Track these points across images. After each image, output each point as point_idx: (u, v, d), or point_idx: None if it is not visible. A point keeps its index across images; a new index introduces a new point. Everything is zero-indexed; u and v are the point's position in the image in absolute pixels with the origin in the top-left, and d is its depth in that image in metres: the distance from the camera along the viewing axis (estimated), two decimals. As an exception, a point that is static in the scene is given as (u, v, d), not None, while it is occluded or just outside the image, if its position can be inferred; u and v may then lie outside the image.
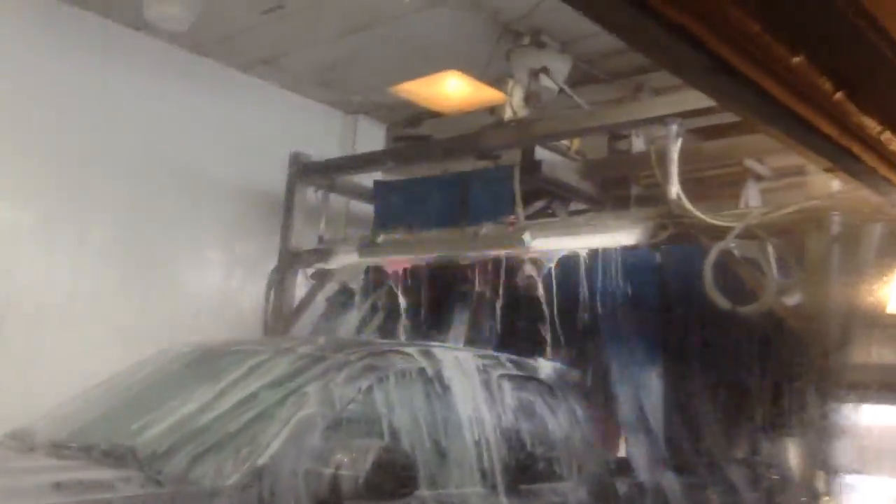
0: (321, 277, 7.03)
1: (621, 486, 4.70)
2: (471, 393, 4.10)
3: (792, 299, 4.90)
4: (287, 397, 3.54)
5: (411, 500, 3.43)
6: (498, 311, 5.72)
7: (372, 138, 8.08)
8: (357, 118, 8.16)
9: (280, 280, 7.05)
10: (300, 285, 7.08)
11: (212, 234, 7.06)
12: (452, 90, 5.81)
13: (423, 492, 3.55)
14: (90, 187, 6.21)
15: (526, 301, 5.66)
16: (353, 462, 3.15)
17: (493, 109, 6.28)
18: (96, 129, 6.25)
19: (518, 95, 5.94)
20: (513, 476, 4.02)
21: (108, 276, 6.24)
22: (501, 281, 5.75)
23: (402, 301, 6.18)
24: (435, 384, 3.99)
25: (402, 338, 5.79)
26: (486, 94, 5.82)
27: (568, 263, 5.47)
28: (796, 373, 4.67)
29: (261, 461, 3.17)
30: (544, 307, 5.45)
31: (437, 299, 6.16)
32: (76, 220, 6.13)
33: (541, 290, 5.50)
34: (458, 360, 4.20)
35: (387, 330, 6.18)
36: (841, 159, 2.89)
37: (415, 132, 7.90)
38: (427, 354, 4.12)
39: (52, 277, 5.93)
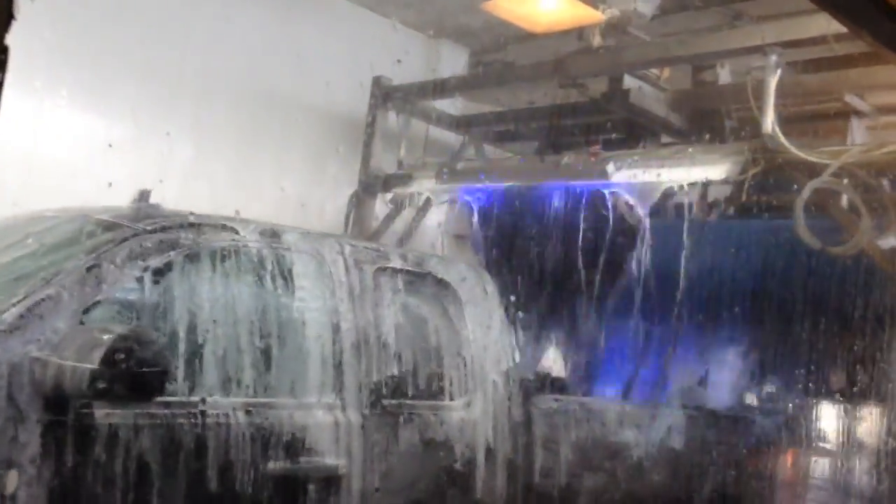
0: (399, 202, 7.06)
1: (542, 406, 4.16)
2: (326, 287, 3.42)
3: (886, 242, 4.72)
4: (39, 271, 2.90)
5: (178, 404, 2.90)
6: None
7: (454, 63, 7.96)
8: (440, 42, 8.04)
9: (359, 203, 7.10)
10: (379, 209, 7.13)
11: (296, 157, 7.13)
12: (546, 7, 5.63)
13: (216, 398, 3.00)
14: (183, 109, 6.31)
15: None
16: (82, 353, 2.59)
17: (580, 35, 6.09)
18: (189, 56, 6.32)
19: (609, 19, 5.73)
20: (375, 391, 3.46)
21: (198, 193, 6.38)
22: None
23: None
24: (272, 272, 3.31)
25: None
26: (581, 13, 5.62)
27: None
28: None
29: None
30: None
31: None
32: (164, 138, 6.26)
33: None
34: (314, 247, 3.48)
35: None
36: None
37: (498, 58, 7.75)
38: (268, 234, 3.38)
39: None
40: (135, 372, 2.61)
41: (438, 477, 3.64)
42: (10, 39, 0.90)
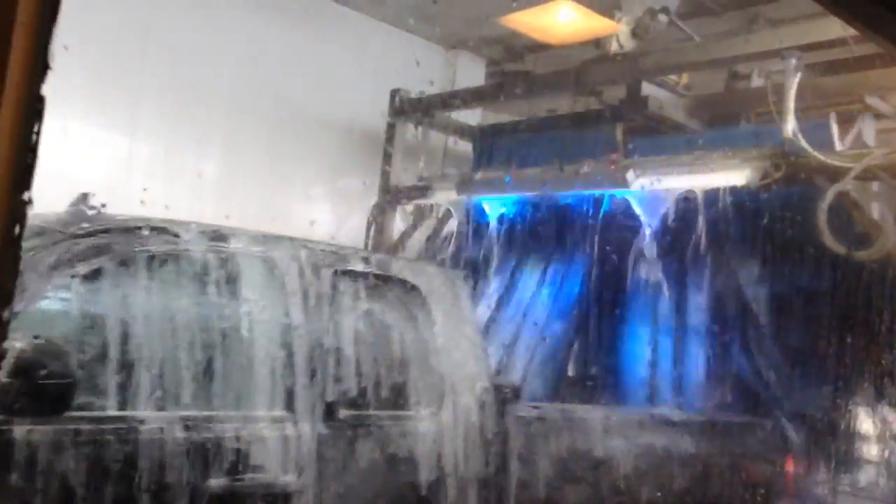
0: (420, 213, 7.09)
1: (520, 415, 3.87)
2: (277, 293, 3.23)
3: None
4: None
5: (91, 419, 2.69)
6: None
7: (472, 74, 7.99)
8: (457, 53, 8.07)
9: (380, 215, 7.13)
10: (399, 221, 7.16)
11: (316, 170, 7.18)
12: (563, 20, 5.64)
13: (149, 413, 2.81)
14: (204, 125, 6.38)
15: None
16: None
17: (597, 43, 6.09)
18: (207, 72, 6.39)
19: (626, 27, 5.73)
20: (331, 403, 3.25)
21: (218, 207, 6.44)
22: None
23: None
24: (216, 278, 3.10)
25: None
26: (598, 24, 5.63)
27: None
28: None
29: None
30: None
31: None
32: (192, 154, 6.35)
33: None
34: (265, 250, 3.27)
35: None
36: None
37: (515, 68, 7.76)
38: (213, 238, 3.15)
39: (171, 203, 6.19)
40: (41, 385, 2.46)
41: (402, 493, 3.40)
42: (46, 89, 0.93)
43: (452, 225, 7.04)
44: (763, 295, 5.34)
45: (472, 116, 7.80)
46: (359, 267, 3.57)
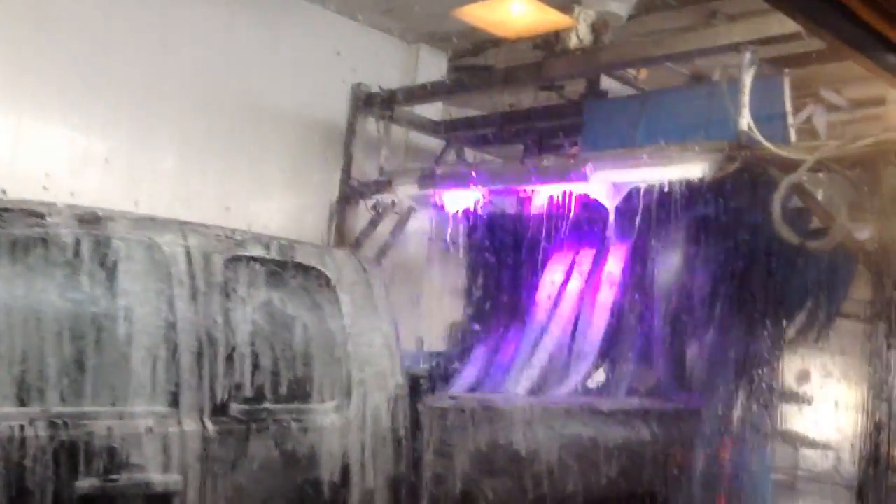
0: (381, 209, 7.05)
1: (435, 406, 3.71)
2: (160, 280, 3.02)
3: (862, 234, 4.74)
4: None
5: None
6: None
7: (433, 69, 7.97)
8: (419, 48, 8.04)
9: (341, 211, 7.09)
10: (361, 216, 7.12)
11: (274, 165, 7.11)
12: (517, 14, 5.65)
13: (6, 409, 2.64)
14: (156, 121, 6.28)
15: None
16: None
17: (557, 37, 6.10)
18: (160, 63, 6.29)
19: (585, 22, 5.75)
20: (221, 397, 3.07)
21: (175, 204, 6.35)
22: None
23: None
24: (89, 264, 2.89)
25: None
26: (553, 19, 5.64)
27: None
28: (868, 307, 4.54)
29: None
30: None
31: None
32: (145, 151, 6.24)
33: None
34: (147, 235, 3.07)
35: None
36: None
37: (476, 62, 7.76)
38: (87, 221, 2.95)
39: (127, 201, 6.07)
40: None
41: (302, 493, 3.21)
42: None
43: (417, 221, 7.04)
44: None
45: (433, 111, 7.78)
46: (257, 253, 3.34)
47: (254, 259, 3.32)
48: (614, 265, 5.77)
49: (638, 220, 5.34)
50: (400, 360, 3.66)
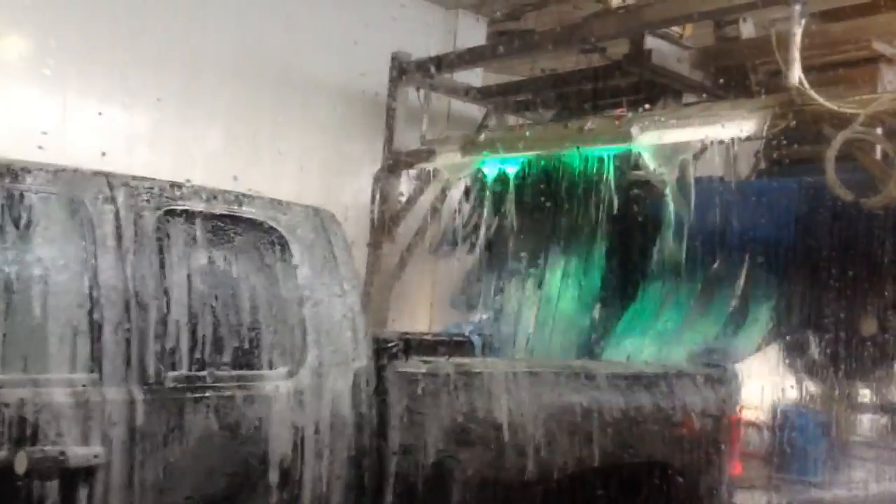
0: (424, 178, 7.04)
1: (405, 372, 3.36)
2: (82, 238, 2.82)
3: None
4: None
5: None
6: None
7: (473, 35, 7.89)
8: (457, 14, 7.97)
9: (384, 181, 7.10)
10: (404, 185, 7.12)
11: (318, 135, 7.13)
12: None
13: None
14: (200, 96, 6.33)
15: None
16: None
17: (599, -3, 6.01)
18: (202, 39, 6.33)
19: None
20: (152, 363, 2.83)
21: (218, 174, 6.41)
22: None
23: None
24: None
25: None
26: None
27: None
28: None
29: None
30: None
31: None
32: (191, 127, 6.30)
33: None
34: (68, 189, 2.86)
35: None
36: None
37: (516, 27, 7.67)
38: None
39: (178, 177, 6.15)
40: None
41: (247, 466, 2.95)
42: None
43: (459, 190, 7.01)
44: None
45: (474, 78, 7.72)
46: (198, 207, 3.05)
47: (194, 214, 3.02)
48: None
49: None
50: (364, 323, 3.37)
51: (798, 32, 4.81)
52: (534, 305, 6.32)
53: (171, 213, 2.97)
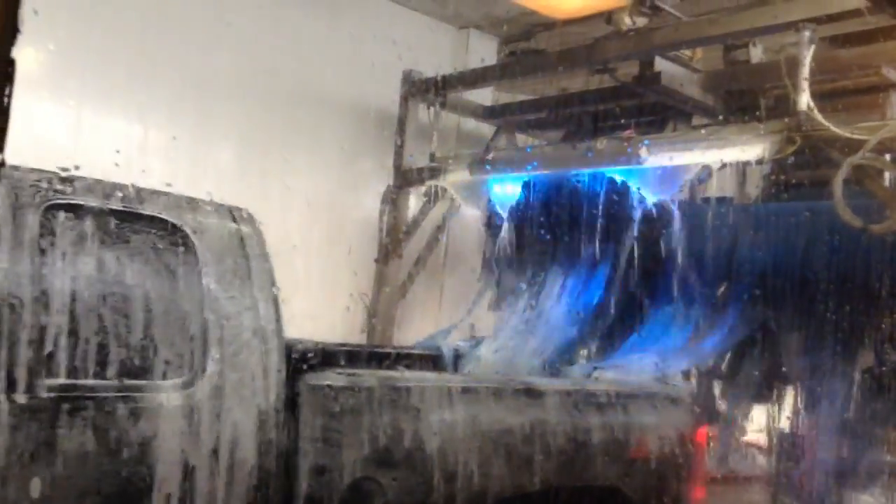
0: (432, 195, 7.08)
1: (320, 384, 3.12)
2: None
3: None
4: None
5: None
6: None
7: (484, 54, 7.94)
8: (469, 33, 8.03)
9: (393, 198, 7.13)
10: (413, 202, 7.15)
11: (328, 153, 7.17)
12: (571, -7, 5.60)
13: None
14: (214, 109, 6.38)
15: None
16: None
17: (609, 19, 6.04)
18: (217, 52, 6.38)
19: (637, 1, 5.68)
20: (20, 372, 2.58)
21: (228, 193, 6.44)
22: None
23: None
24: None
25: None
26: (607, -1, 5.58)
27: None
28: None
29: None
30: None
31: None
32: (205, 139, 6.35)
33: None
34: None
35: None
36: None
37: (527, 46, 7.71)
38: None
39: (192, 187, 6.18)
40: None
41: (129, 487, 2.66)
42: (17, 52, 0.92)
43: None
44: None
45: (484, 96, 7.77)
46: (89, 202, 2.80)
47: (83, 209, 2.78)
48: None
49: None
50: (277, 331, 3.11)
51: (807, 57, 4.84)
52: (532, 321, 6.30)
53: (56, 207, 2.73)
